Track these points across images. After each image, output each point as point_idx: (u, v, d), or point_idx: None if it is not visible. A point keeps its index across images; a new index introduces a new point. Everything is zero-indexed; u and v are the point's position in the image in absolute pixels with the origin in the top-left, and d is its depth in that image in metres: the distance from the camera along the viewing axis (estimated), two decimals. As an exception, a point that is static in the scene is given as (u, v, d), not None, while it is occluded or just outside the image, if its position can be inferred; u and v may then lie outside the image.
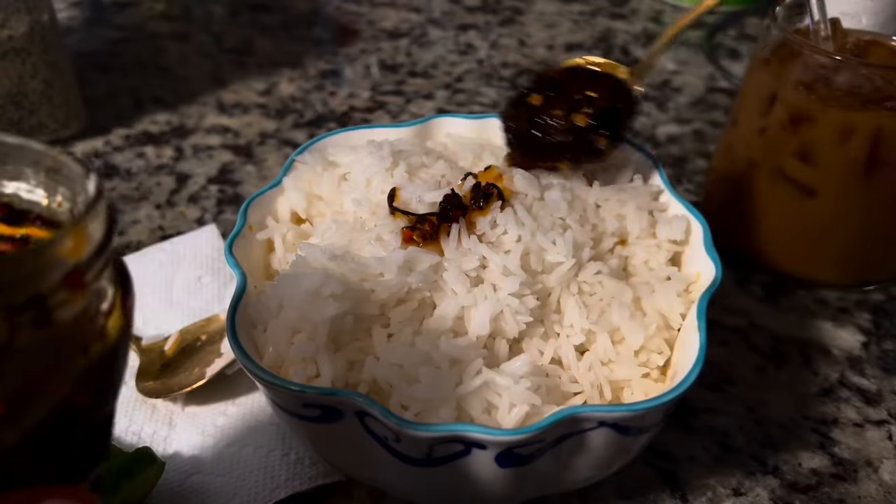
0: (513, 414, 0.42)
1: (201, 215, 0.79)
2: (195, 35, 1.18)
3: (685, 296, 0.49)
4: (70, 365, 0.26)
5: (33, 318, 0.24)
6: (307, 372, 0.44)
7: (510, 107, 0.58)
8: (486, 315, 0.45)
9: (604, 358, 0.46)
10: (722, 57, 1.09)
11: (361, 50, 1.13)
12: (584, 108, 0.55)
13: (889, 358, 0.63)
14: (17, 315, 0.24)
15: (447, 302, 0.46)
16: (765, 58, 0.65)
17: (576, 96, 0.56)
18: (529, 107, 0.56)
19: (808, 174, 0.64)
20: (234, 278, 0.48)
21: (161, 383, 0.58)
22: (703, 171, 0.85)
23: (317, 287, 0.47)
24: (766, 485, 0.53)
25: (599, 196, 0.54)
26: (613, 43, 1.14)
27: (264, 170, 0.86)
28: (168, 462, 0.52)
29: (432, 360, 0.44)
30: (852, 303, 0.68)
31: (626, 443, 0.44)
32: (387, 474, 0.45)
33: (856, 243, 0.66)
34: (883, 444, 0.56)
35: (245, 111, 0.98)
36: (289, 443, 0.54)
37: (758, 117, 0.66)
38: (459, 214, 0.50)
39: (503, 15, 1.24)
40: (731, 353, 0.64)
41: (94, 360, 0.27)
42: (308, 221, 0.56)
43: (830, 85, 0.61)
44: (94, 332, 0.27)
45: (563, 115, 0.54)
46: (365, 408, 0.40)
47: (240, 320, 0.45)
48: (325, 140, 0.61)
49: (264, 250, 0.54)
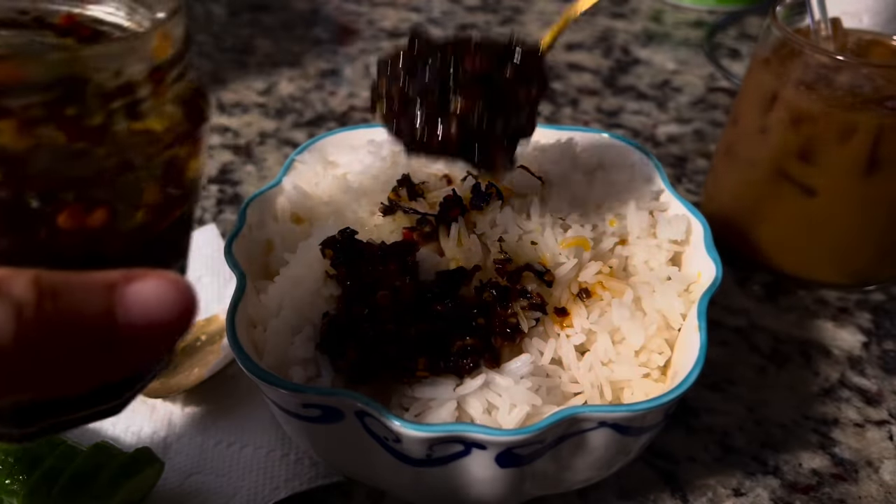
0: (513, 414, 0.42)
1: (201, 215, 0.79)
2: (195, 35, 1.17)
3: (685, 296, 0.49)
4: (158, 160, 0.30)
5: (126, 106, 0.28)
6: (307, 372, 0.44)
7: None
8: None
9: (604, 358, 0.46)
10: (722, 57, 1.09)
11: (361, 50, 1.13)
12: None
13: (889, 358, 0.63)
14: (111, 100, 0.27)
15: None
16: (765, 57, 0.65)
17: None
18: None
19: (809, 174, 0.63)
20: (234, 278, 0.48)
21: (161, 383, 0.58)
22: (703, 171, 0.85)
23: (317, 287, 0.47)
24: (766, 485, 0.53)
25: (599, 196, 0.54)
26: (613, 43, 1.14)
27: (264, 170, 0.86)
28: (168, 462, 0.52)
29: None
30: (852, 303, 0.68)
31: (626, 443, 0.44)
32: (387, 474, 0.45)
33: (856, 243, 0.66)
34: (883, 445, 0.56)
35: (245, 111, 0.98)
36: (289, 443, 0.54)
37: (758, 117, 0.66)
38: (458, 214, 0.50)
39: (503, 15, 1.24)
40: (731, 353, 0.64)
41: (180, 158, 0.31)
42: (308, 221, 0.56)
43: (831, 85, 0.60)
44: (176, 135, 0.30)
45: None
46: (365, 408, 0.40)
47: (240, 320, 0.45)
48: (324, 140, 0.61)
49: (264, 250, 0.54)
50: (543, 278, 0.47)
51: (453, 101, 0.43)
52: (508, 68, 0.44)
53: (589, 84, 1.04)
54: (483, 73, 0.43)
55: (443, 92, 0.43)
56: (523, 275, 0.47)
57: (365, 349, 0.43)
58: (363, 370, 0.43)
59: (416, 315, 0.44)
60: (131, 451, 0.49)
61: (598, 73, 1.06)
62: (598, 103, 0.99)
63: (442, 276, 0.47)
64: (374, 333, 0.43)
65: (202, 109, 0.32)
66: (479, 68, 0.43)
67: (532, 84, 0.45)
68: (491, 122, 0.43)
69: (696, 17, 1.22)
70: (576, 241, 0.49)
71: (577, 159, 0.59)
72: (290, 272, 0.49)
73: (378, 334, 0.43)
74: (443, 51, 0.44)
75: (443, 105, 0.43)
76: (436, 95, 0.43)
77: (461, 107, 0.43)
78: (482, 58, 0.43)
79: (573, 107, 0.98)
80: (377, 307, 0.44)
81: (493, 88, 0.43)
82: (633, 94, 1.00)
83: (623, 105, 0.98)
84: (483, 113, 0.43)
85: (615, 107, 0.98)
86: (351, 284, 0.45)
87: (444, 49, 0.44)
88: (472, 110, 0.43)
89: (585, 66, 1.08)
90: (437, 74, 0.43)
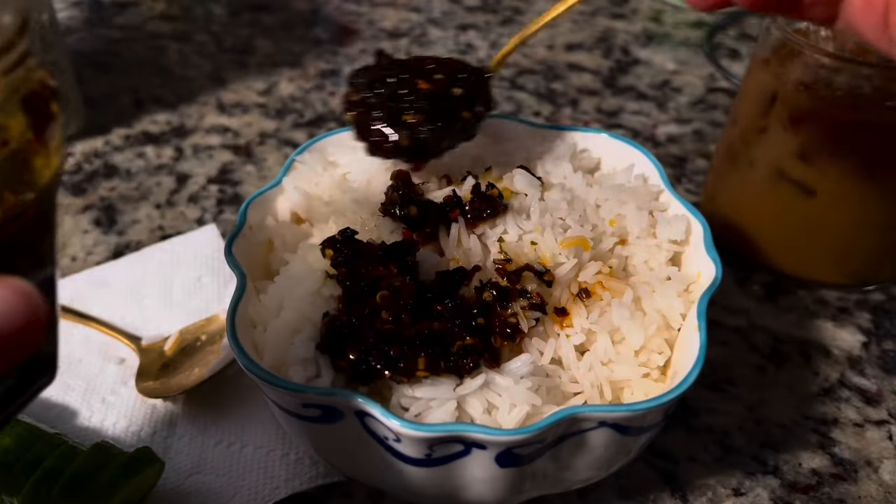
0: (513, 414, 0.42)
1: (201, 215, 0.79)
2: (195, 35, 1.18)
3: (685, 296, 0.49)
4: None
5: None
6: (307, 372, 0.44)
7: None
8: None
9: (604, 358, 0.46)
10: (722, 57, 1.09)
11: (361, 50, 1.13)
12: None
13: (889, 358, 0.63)
14: None
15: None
16: (765, 58, 0.65)
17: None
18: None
19: (808, 174, 0.63)
20: (234, 278, 0.48)
21: (161, 383, 0.58)
22: (703, 171, 0.85)
23: (317, 287, 0.47)
24: (766, 485, 0.53)
25: (599, 196, 0.54)
26: (613, 43, 1.14)
27: (264, 170, 0.86)
28: (168, 462, 0.52)
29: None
30: (852, 303, 0.68)
31: (626, 443, 0.44)
32: (387, 474, 0.45)
33: (856, 243, 0.66)
34: (883, 444, 0.56)
35: (245, 111, 0.98)
36: (289, 443, 0.54)
37: (758, 117, 0.66)
38: (458, 214, 0.50)
39: (503, 15, 1.24)
40: (731, 353, 0.64)
41: (19, 157, 0.28)
42: (308, 221, 0.56)
43: (831, 85, 0.60)
44: (9, 132, 0.28)
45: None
46: (365, 408, 0.40)
47: (240, 320, 0.45)
48: (325, 140, 0.61)
49: (264, 250, 0.54)
50: (543, 278, 0.47)
51: (406, 114, 0.51)
52: (456, 89, 0.53)
53: (589, 84, 1.04)
54: (432, 93, 0.52)
55: (399, 105, 0.52)
56: (523, 275, 0.47)
57: (365, 349, 0.43)
58: (363, 370, 0.43)
59: (416, 315, 0.44)
60: (131, 451, 0.49)
61: (598, 73, 1.06)
62: (598, 103, 0.99)
63: (442, 276, 0.47)
64: (374, 333, 0.43)
65: (47, 103, 0.30)
66: (430, 89, 0.52)
67: (475, 104, 0.53)
68: (435, 134, 0.51)
69: (696, 17, 1.22)
70: (575, 241, 0.49)
71: (577, 159, 0.59)
72: (290, 272, 0.49)
73: (378, 334, 0.43)
74: (403, 69, 0.54)
75: (397, 116, 0.51)
76: (393, 108, 0.52)
77: (412, 119, 0.51)
78: (434, 80, 0.53)
79: (573, 107, 0.98)
80: (377, 307, 0.44)
81: (440, 106, 0.52)
82: (633, 95, 1.00)
83: (623, 105, 0.98)
84: (429, 126, 0.51)
85: (615, 107, 0.98)
86: (351, 284, 0.45)
87: (404, 68, 0.54)
88: (422, 124, 0.51)
89: (585, 66, 1.08)
90: (394, 90, 0.52)
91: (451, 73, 0.54)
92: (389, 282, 0.45)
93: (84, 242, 0.76)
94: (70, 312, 0.64)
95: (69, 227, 0.78)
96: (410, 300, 0.44)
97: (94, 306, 0.66)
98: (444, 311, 0.45)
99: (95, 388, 0.59)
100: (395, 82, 0.53)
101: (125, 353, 0.62)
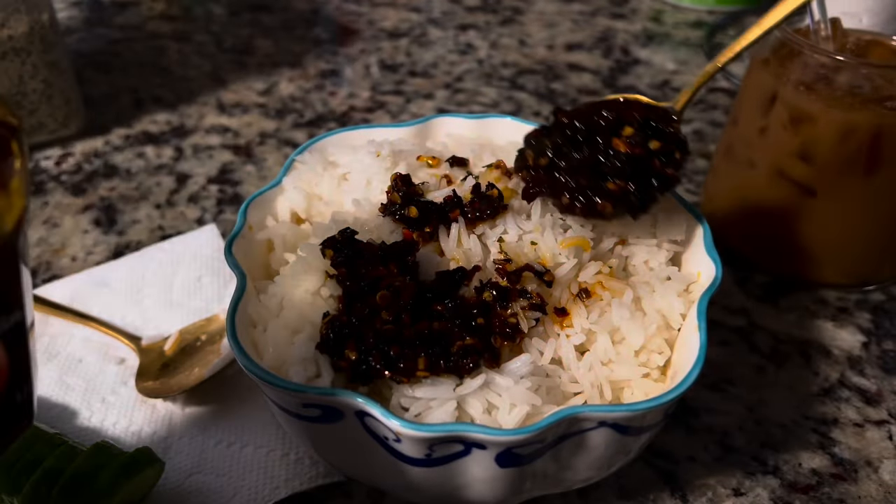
0: (513, 414, 0.42)
1: (201, 215, 0.79)
2: (195, 35, 1.18)
3: (685, 296, 0.49)
4: None
5: None
6: (307, 372, 0.44)
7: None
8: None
9: (604, 358, 0.46)
10: (722, 57, 1.09)
11: (361, 50, 1.13)
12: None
13: (889, 358, 0.63)
14: None
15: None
16: (765, 58, 0.65)
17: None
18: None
19: (808, 174, 0.63)
20: (234, 278, 0.48)
21: (161, 383, 0.58)
22: (703, 171, 0.85)
23: (317, 287, 0.47)
24: (766, 485, 0.53)
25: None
26: (613, 43, 1.14)
27: (264, 170, 0.86)
28: (168, 462, 0.52)
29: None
30: (852, 303, 0.68)
31: (626, 443, 0.44)
32: (387, 474, 0.45)
33: (856, 243, 0.66)
34: (883, 444, 0.56)
35: (245, 111, 0.98)
36: (289, 443, 0.54)
37: (758, 117, 0.66)
38: (458, 214, 0.50)
39: (503, 15, 1.24)
40: (731, 353, 0.64)
41: None
42: (308, 221, 0.56)
43: (831, 85, 0.61)
44: None
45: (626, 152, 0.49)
46: (365, 408, 0.40)
47: (240, 320, 0.45)
48: (325, 140, 0.61)
49: (264, 250, 0.54)
50: (543, 278, 0.47)
51: (609, 181, 0.48)
52: (654, 142, 0.49)
53: (589, 84, 1.04)
54: (631, 156, 0.48)
55: (594, 169, 0.49)
56: (523, 275, 0.47)
57: (365, 349, 0.43)
58: (363, 370, 0.43)
59: (416, 315, 0.44)
60: (131, 451, 0.49)
61: (598, 73, 1.06)
62: (598, 103, 0.99)
63: (442, 276, 0.47)
64: (374, 333, 0.43)
65: (7, 143, 0.27)
66: (629, 151, 0.48)
67: (673, 153, 0.49)
68: (642, 197, 0.49)
69: (695, 17, 1.22)
70: (575, 241, 0.49)
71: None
72: (290, 272, 0.49)
73: (378, 334, 0.43)
74: (587, 127, 0.50)
75: (598, 185, 0.48)
76: (591, 176, 0.49)
77: (614, 187, 0.48)
78: (627, 139, 0.49)
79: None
80: (377, 307, 0.44)
81: (640, 168, 0.48)
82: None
83: (623, 105, 0.98)
84: (634, 192, 0.48)
85: (615, 107, 0.98)
86: (351, 284, 0.45)
87: (588, 125, 0.50)
88: (625, 189, 0.48)
89: (585, 66, 1.08)
90: (590, 159, 0.49)
91: (640, 124, 0.50)
92: (389, 282, 0.45)
93: (84, 242, 0.76)
94: (70, 312, 0.64)
95: (69, 227, 0.78)
96: (410, 300, 0.44)
97: (94, 306, 0.66)
98: (444, 311, 0.45)
99: (95, 388, 0.59)
100: (587, 149, 0.49)
101: (125, 353, 0.62)
